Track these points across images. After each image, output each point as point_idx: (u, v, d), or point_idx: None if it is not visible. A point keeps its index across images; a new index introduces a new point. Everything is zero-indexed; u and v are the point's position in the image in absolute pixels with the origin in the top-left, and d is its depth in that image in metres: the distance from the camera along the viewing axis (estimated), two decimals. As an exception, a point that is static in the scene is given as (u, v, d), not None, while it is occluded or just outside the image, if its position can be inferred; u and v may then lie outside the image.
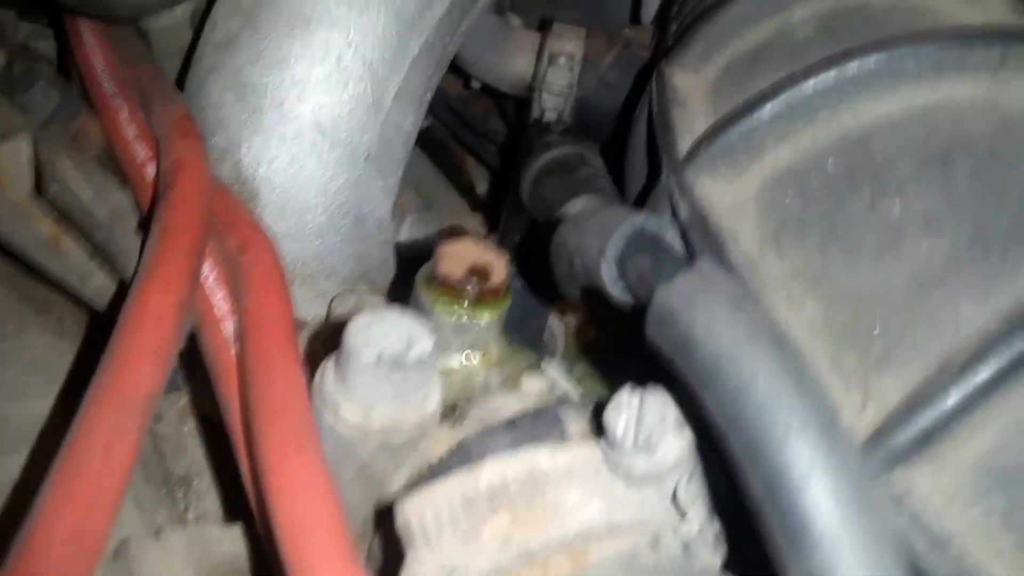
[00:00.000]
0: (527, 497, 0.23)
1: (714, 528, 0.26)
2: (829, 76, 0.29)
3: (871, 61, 0.28)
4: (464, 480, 0.23)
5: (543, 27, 0.57)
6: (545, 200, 0.41)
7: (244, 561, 0.32)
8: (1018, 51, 0.27)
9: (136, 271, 0.28)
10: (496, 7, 0.60)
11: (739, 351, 0.18)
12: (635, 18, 0.68)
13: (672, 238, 0.25)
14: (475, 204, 0.78)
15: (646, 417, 0.22)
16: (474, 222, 0.72)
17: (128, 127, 0.38)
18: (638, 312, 0.22)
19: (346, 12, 0.41)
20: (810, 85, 0.29)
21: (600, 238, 0.23)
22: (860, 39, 0.31)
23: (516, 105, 0.59)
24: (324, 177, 0.43)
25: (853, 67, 0.29)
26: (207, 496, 0.39)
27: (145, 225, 0.33)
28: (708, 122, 0.33)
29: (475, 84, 0.65)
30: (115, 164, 0.39)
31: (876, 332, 0.25)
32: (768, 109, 0.29)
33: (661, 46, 0.46)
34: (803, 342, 0.25)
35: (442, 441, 0.28)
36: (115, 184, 0.37)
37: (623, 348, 0.37)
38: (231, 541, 0.31)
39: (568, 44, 0.53)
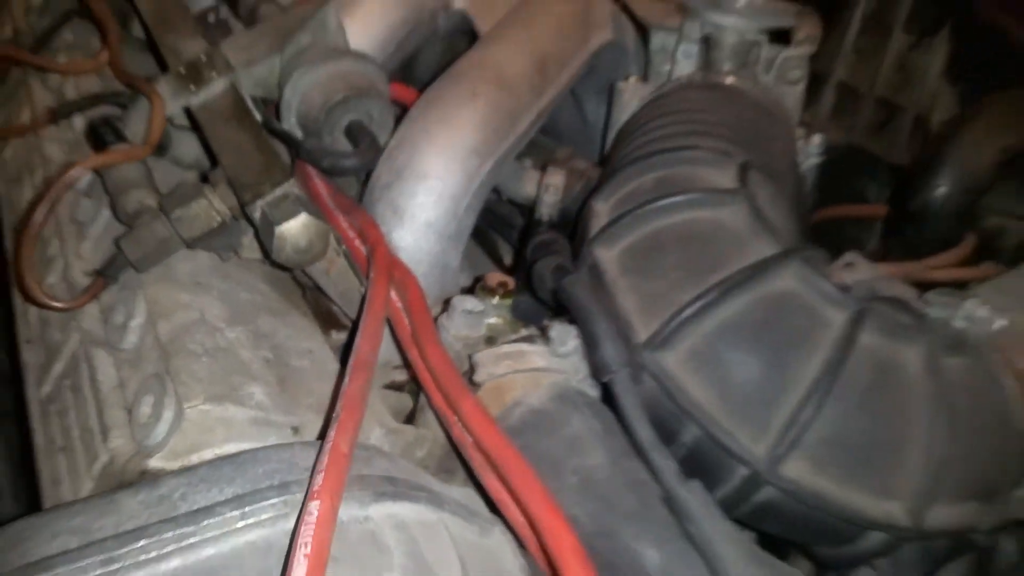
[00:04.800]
0: (519, 357, 0.64)
1: (591, 379, 0.67)
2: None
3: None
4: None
5: (543, 168, 1.02)
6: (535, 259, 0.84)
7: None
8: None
9: (366, 291, 0.70)
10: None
11: (590, 307, 0.60)
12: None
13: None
14: (503, 269, 1.22)
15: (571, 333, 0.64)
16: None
17: (345, 223, 0.82)
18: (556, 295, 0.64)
19: (447, 165, 0.85)
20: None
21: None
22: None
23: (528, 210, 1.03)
24: (428, 247, 0.85)
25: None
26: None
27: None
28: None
29: (504, 196, 1.10)
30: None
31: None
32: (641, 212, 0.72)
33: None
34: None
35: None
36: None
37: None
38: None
39: (555, 179, 0.97)
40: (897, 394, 0.57)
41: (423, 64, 1.24)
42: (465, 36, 1.16)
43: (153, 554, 0.44)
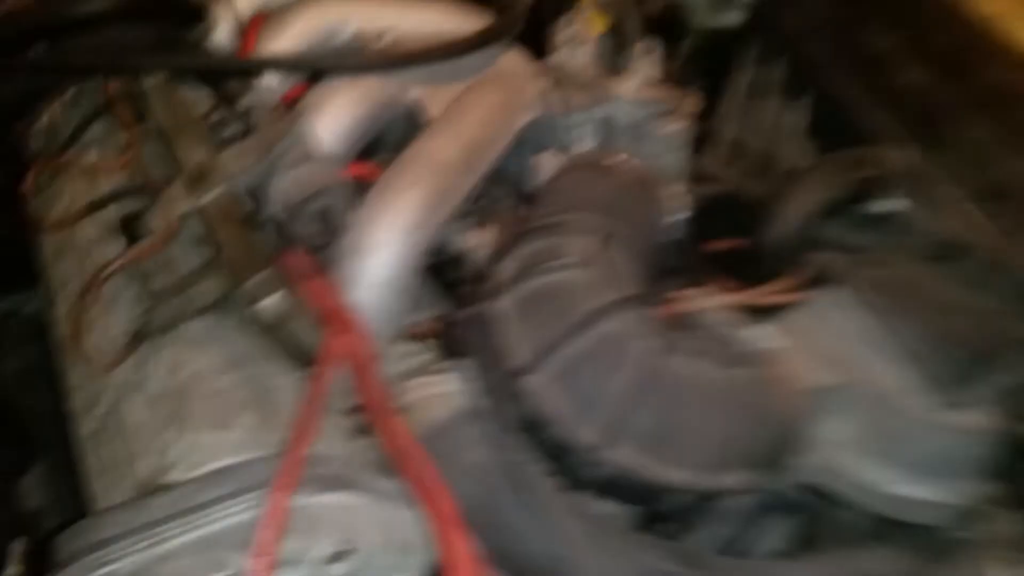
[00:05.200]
0: (435, 384, 0.89)
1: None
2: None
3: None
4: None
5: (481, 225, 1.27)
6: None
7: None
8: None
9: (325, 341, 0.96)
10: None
11: (474, 351, 0.85)
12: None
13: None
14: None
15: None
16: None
17: (313, 288, 1.08)
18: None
19: (394, 239, 1.11)
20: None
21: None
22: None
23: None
24: (380, 302, 1.10)
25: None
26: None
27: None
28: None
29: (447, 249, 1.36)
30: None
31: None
32: (529, 273, 0.97)
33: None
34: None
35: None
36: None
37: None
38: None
39: (483, 239, 1.23)
40: (688, 397, 0.82)
41: (390, 135, 1.50)
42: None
43: (176, 531, 0.70)
